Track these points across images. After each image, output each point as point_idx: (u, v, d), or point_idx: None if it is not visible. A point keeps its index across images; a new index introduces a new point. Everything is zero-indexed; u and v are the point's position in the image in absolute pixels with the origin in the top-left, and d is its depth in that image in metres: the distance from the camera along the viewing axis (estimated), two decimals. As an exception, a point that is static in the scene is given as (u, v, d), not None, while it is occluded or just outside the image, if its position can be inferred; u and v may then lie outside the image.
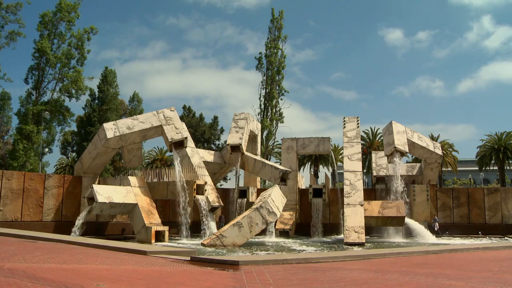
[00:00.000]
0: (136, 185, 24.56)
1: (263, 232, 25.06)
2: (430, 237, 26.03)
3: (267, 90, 51.71)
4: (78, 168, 27.59)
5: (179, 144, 26.83)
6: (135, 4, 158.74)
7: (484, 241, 25.87)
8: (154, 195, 25.50)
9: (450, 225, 30.33)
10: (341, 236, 27.11)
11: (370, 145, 62.86)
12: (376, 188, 32.24)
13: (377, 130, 64.16)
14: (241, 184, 33.30)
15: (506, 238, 27.80)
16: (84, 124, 58.96)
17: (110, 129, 25.73)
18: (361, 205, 25.21)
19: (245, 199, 30.22)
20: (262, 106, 51.69)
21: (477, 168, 69.23)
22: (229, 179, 62.20)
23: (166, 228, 23.34)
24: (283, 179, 28.66)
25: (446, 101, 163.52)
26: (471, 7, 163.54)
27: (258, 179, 35.02)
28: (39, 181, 24.76)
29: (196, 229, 25.53)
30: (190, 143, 28.96)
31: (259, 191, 31.42)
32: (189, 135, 29.06)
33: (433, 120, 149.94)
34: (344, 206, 25.48)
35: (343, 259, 12.99)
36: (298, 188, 32.52)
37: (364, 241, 23.10)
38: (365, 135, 64.40)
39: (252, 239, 23.20)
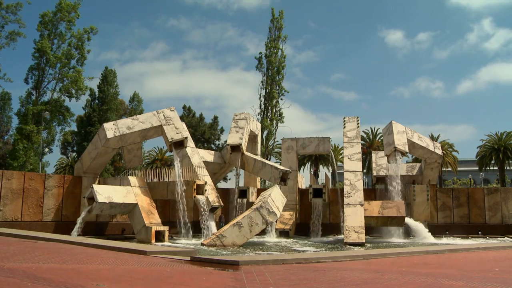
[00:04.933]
0: (136, 185, 24.55)
1: (263, 232, 25.06)
2: (430, 237, 26.01)
3: (267, 90, 51.72)
4: (78, 168, 27.58)
5: (179, 144, 26.80)
6: (136, 5, 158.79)
7: (484, 241, 25.85)
8: (154, 195, 25.49)
9: (450, 225, 30.31)
10: (341, 236, 27.10)
11: (370, 145, 62.87)
12: (376, 188, 32.23)
13: (377, 130, 64.21)
14: (241, 184, 33.29)
15: (506, 238, 27.79)
16: (84, 124, 58.99)
17: (110, 129, 25.73)
18: (361, 205, 25.20)
19: (245, 199, 30.20)
20: (262, 106, 51.70)
21: (477, 168, 69.23)
22: (229, 179, 62.25)
23: (166, 228, 23.33)
24: (283, 179, 28.65)
25: (446, 102, 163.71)
26: (471, 9, 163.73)
27: (258, 179, 35.00)
28: (39, 181, 24.75)
29: (196, 229, 25.53)
30: (190, 143, 28.96)
31: (259, 191, 31.41)
32: (189, 135, 29.05)
33: (433, 121, 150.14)
34: (344, 206, 25.46)
35: (343, 259, 12.99)
36: (298, 188, 32.50)
37: (364, 241, 23.08)
38: (365, 135, 64.41)
39: (252, 239, 23.20)
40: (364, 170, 55.68)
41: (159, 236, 22.89)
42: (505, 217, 30.15)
